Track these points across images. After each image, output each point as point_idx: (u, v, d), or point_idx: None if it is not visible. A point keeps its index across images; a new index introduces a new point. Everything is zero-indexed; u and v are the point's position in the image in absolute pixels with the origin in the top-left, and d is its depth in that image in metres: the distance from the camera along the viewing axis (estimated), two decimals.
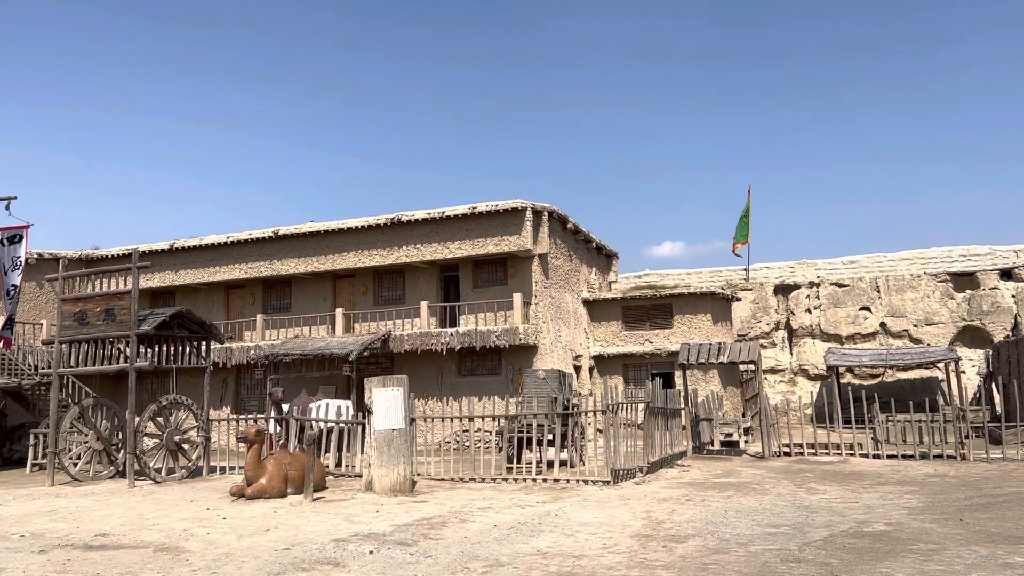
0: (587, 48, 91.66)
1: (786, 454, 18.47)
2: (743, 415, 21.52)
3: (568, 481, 14.13)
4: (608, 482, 13.80)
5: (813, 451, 18.22)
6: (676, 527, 9.83)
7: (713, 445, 19.91)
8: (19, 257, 19.55)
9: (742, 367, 25.79)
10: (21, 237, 19.69)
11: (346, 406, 17.99)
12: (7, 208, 19.71)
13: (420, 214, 23.49)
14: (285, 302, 26.67)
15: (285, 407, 17.08)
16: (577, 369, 25.50)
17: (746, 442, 20.35)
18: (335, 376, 22.99)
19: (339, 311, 24.38)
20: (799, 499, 11.99)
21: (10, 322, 19.38)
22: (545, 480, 14.30)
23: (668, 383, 24.44)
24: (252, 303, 26.89)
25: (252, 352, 24.44)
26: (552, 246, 24.30)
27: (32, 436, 19.66)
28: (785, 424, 20.14)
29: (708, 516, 10.59)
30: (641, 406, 16.01)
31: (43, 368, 22.81)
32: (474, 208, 22.82)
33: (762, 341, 29.48)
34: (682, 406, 19.56)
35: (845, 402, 22.72)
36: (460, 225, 23.21)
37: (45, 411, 20.83)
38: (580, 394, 18.33)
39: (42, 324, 25.01)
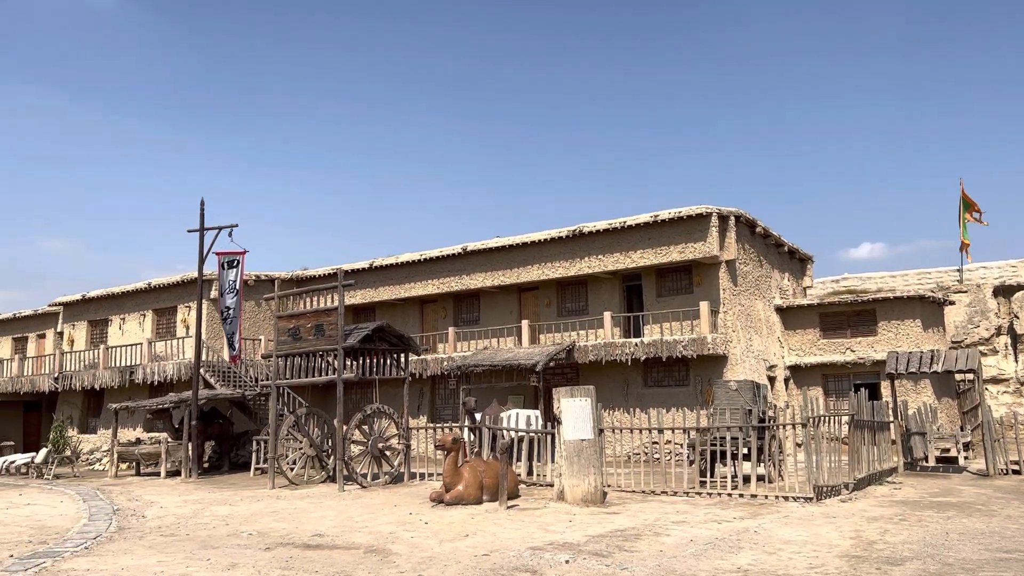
0: (771, 42, 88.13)
1: (1015, 472, 16.68)
2: (961, 429, 19.71)
3: (766, 497, 13.54)
4: (810, 499, 13.09)
5: None
6: (890, 548, 9.14)
7: (927, 461, 18.35)
8: (235, 280, 21.58)
9: (958, 377, 23.64)
10: (238, 262, 21.75)
11: (535, 415, 18.28)
12: (229, 235, 21.93)
13: (601, 225, 23.50)
14: (474, 315, 27.58)
15: (477, 416, 17.64)
16: (771, 380, 24.41)
17: (966, 458, 18.61)
18: (523, 386, 23.44)
19: (524, 323, 24.86)
20: None
21: (231, 339, 21.43)
22: (741, 495, 13.79)
23: (873, 395, 22.85)
24: (444, 316, 28.04)
25: (445, 363, 25.44)
26: (740, 251, 23.47)
27: (254, 442, 21.57)
28: (1012, 439, 18.18)
29: (926, 538, 9.76)
30: (845, 419, 15.07)
31: (262, 380, 25.08)
32: (656, 216, 22.52)
33: (981, 348, 26.81)
34: (890, 419, 18.20)
35: None
36: (642, 234, 22.98)
37: (264, 419, 22.85)
38: (775, 406, 17.53)
39: (260, 340, 27.44)
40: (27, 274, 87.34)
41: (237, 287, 21.62)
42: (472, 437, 17.32)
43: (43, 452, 23.40)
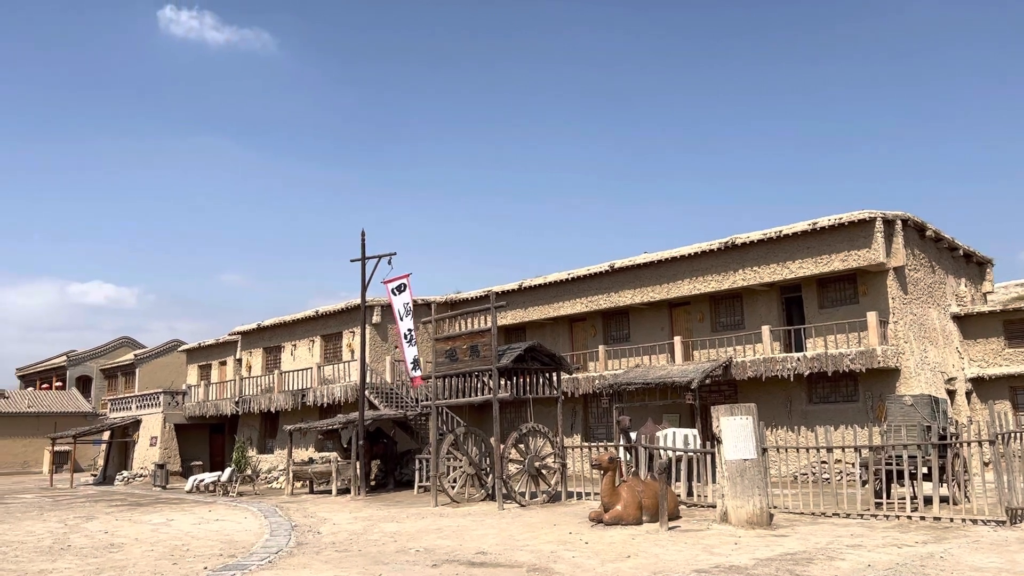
0: (935, 30, 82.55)
1: None
2: None
3: (951, 520, 12.54)
4: (1003, 522, 12.01)
5: None
6: None
7: None
8: (408, 303, 22.39)
9: None
10: (405, 286, 22.62)
11: (693, 435, 17.85)
12: (389, 263, 23.02)
13: (755, 235, 22.73)
14: (624, 332, 27.36)
15: (632, 435, 17.43)
16: (951, 394, 22.64)
17: None
18: (677, 404, 22.96)
19: (677, 339, 24.38)
20: None
21: (416, 362, 22.25)
22: (923, 518, 12.85)
23: None
24: (594, 334, 28.00)
25: (596, 382, 25.37)
26: (909, 257, 22.02)
27: (417, 461, 22.33)
28: None
29: None
30: None
31: (422, 400, 25.96)
32: (815, 224, 21.53)
33: None
34: None
35: None
36: (800, 243, 22.03)
37: (425, 439, 23.61)
38: (957, 422, 16.24)
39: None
40: (209, 306, 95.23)
41: (411, 309, 22.30)
42: (628, 456, 17.12)
43: (227, 471, 25.29)
